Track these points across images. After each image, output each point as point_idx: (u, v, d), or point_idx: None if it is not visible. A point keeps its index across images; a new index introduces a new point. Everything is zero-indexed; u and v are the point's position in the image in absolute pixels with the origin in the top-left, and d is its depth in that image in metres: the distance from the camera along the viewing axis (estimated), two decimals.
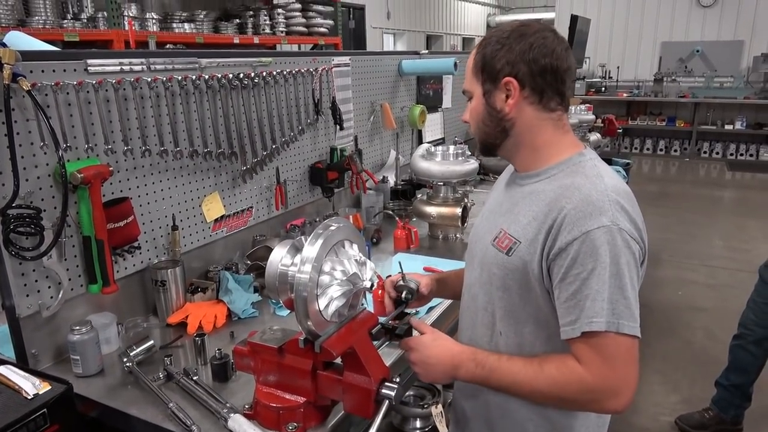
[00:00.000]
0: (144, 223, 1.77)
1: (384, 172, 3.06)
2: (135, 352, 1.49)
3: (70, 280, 1.56)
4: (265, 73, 2.13)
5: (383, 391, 1.14)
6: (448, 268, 1.70)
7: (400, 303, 1.40)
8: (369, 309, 1.33)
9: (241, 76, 2.02)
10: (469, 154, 2.58)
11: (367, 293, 1.26)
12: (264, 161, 2.19)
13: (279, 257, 1.19)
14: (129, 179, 1.72)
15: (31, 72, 1.44)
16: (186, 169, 1.91)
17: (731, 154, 9.99)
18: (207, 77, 1.90)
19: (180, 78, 1.81)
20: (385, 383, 1.15)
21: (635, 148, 10.71)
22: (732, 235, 6.04)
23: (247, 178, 2.15)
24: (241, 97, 2.05)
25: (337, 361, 1.18)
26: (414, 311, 1.72)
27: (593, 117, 4.62)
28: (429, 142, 3.21)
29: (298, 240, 1.20)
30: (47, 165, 1.49)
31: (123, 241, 1.67)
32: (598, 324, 1.02)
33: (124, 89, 1.65)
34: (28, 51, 1.45)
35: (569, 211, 1.06)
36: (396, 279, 1.42)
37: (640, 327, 1.05)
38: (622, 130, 7.82)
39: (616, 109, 10.29)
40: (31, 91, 1.38)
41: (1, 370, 1.29)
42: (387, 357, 1.40)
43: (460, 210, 2.44)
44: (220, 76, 1.94)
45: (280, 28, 5.54)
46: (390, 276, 1.46)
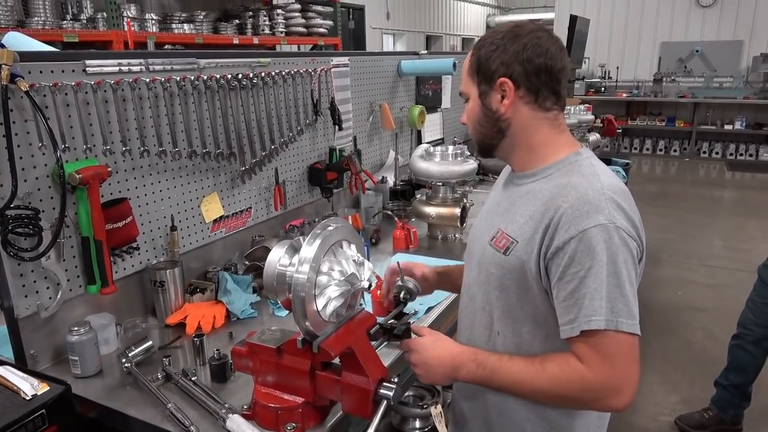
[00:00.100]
0: (143, 224, 1.77)
1: (383, 173, 3.05)
2: (134, 353, 1.49)
3: (68, 280, 1.56)
4: (263, 74, 2.13)
5: (381, 391, 1.14)
6: None
7: (399, 303, 1.40)
8: (367, 309, 1.33)
9: (240, 76, 2.02)
10: (468, 154, 2.58)
11: (365, 293, 1.26)
12: (263, 162, 2.19)
13: (277, 257, 1.18)
14: (128, 180, 1.72)
15: (30, 73, 1.44)
16: (185, 170, 1.91)
17: (731, 154, 9.99)
18: (205, 78, 1.90)
19: (178, 79, 1.81)
20: (384, 383, 1.15)
21: (635, 149, 10.71)
22: (731, 235, 6.05)
23: (246, 179, 2.14)
24: (239, 98, 2.05)
25: (336, 361, 1.18)
26: (413, 312, 1.72)
27: (593, 117, 4.63)
28: (428, 143, 3.22)
29: (297, 240, 1.20)
30: (46, 166, 1.49)
31: (122, 242, 1.67)
32: (597, 322, 1.02)
33: (123, 90, 1.66)
34: (26, 52, 1.45)
35: (566, 210, 1.06)
36: (394, 268, 1.42)
37: (640, 326, 1.05)
38: (621, 130, 7.83)
39: (615, 109, 10.30)
40: (29, 91, 1.38)
41: None
42: (385, 357, 1.40)
43: (459, 210, 2.44)
44: (218, 76, 1.94)
45: (280, 29, 5.54)
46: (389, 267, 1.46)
